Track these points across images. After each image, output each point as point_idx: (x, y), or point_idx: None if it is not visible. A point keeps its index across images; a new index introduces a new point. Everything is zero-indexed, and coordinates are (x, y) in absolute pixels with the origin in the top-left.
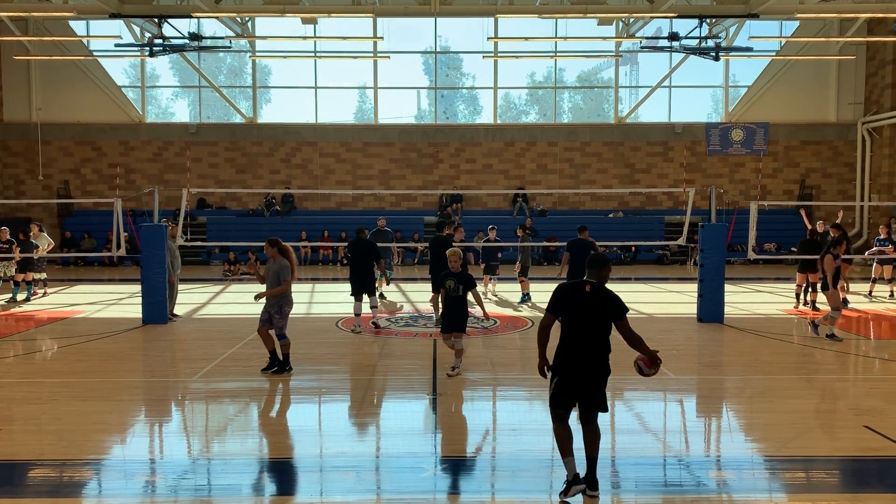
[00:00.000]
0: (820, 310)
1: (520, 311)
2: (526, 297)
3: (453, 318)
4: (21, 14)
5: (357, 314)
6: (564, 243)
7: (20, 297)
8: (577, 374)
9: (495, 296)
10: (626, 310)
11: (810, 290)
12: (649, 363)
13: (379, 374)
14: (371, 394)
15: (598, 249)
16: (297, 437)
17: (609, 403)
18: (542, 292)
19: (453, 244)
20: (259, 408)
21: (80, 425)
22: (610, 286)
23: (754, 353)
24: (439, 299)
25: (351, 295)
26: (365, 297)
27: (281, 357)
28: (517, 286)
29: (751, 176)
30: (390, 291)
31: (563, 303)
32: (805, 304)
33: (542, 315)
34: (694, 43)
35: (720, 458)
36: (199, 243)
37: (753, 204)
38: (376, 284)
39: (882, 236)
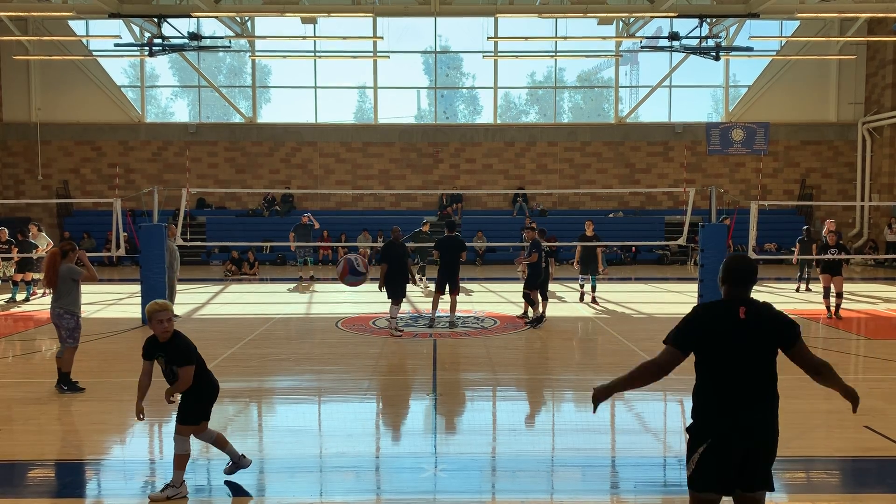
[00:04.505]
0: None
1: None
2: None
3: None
4: (21, 14)
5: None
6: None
7: (19, 297)
8: (740, 438)
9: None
10: (799, 327)
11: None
12: (851, 398)
13: (379, 374)
14: (371, 394)
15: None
16: (297, 437)
17: (609, 404)
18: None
19: (466, 244)
20: (259, 408)
21: (80, 425)
22: (609, 286)
23: None
24: (438, 298)
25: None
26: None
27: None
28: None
29: (751, 176)
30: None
31: (705, 334)
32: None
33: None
34: (694, 43)
35: None
36: (198, 243)
37: (754, 204)
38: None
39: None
